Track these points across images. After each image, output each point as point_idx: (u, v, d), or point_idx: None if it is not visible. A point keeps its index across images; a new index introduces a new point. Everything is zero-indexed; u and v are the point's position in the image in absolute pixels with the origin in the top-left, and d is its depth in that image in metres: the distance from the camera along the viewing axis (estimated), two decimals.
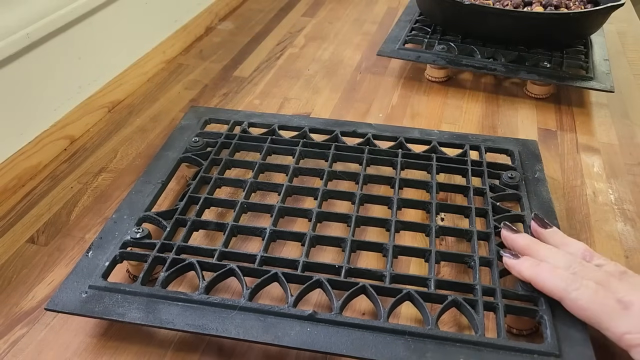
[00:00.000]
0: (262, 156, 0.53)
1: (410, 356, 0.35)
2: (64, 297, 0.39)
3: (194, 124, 0.57)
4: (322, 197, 0.48)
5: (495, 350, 0.36)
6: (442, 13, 0.75)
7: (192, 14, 0.83)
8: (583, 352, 0.36)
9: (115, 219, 0.45)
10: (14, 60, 0.53)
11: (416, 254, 0.44)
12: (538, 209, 0.46)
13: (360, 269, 0.41)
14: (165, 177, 0.49)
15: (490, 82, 0.73)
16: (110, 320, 0.39)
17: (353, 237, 0.44)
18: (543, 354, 0.36)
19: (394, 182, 0.50)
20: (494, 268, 0.41)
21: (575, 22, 0.69)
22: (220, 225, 0.45)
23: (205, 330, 0.37)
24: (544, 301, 0.38)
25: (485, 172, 0.50)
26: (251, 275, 0.41)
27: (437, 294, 0.39)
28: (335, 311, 0.38)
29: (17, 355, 0.39)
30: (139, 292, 0.39)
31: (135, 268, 0.44)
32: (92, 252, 0.42)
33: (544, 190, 0.49)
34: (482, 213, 0.47)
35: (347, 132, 0.56)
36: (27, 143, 0.56)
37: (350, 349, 0.36)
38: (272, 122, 0.57)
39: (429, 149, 0.54)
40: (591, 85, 0.66)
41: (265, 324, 0.37)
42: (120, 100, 0.69)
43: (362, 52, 0.81)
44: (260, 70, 0.76)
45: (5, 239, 0.49)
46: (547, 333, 0.37)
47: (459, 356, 0.35)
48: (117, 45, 0.68)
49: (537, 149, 0.54)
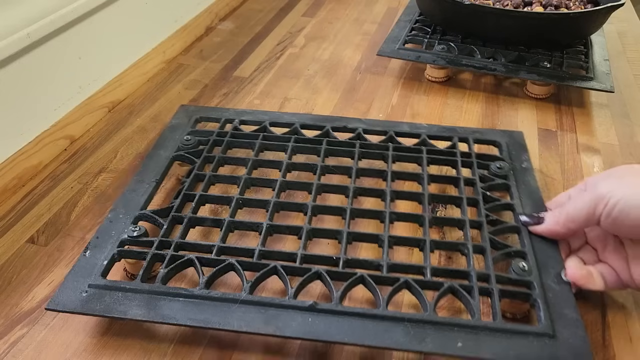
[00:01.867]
0: (254, 153, 0.53)
1: (410, 341, 0.36)
2: (64, 297, 0.39)
3: (184, 122, 0.57)
4: (316, 191, 0.49)
5: (491, 333, 0.37)
6: (442, 13, 0.75)
7: (192, 14, 0.83)
8: (576, 332, 0.37)
9: (111, 218, 0.45)
10: (14, 60, 0.53)
11: (411, 243, 0.45)
12: (527, 197, 0.48)
13: (357, 260, 0.42)
14: (159, 176, 0.50)
15: (490, 82, 0.73)
16: (112, 318, 0.39)
17: (349, 229, 0.44)
18: (538, 335, 0.37)
19: (386, 175, 0.51)
20: (487, 255, 0.43)
21: (575, 22, 0.69)
22: (217, 222, 0.46)
23: (208, 324, 0.37)
24: (536, 284, 0.40)
25: (474, 163, 0.52)
26: (250, 269, 0.41)
27: (433, 281, 0.41)
28: (335, 301, 0.39)
29: (17, 355, 0.39)
30: (140, 289, 0.39)
31: (132, 266, 0.44)
32: (89, 252, 0.42)
33: (532, 179, 0.50)
34: (473, 202, 0.48)
35: (338, 128, 0.57)
36: (28, 143, 0.56)
37: (352, 337, 0.36)
38: (263, 119, 0.58)
39: (419, 142, 0.55)
40: (591, 85, 0.66)
41: (267, 316, 0.38)
42: (120, 100, 0.69)
43: (362, 52, 0.81)
44: (260, 70, 0.76)
45: (5, 239, 0.49)
46: (541, 315, 0.38)
47: (457, 340, 0.36)
48: (117, 45, 0.68)
49: (523, 140, 0.55)
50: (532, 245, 0.43)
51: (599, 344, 0.40)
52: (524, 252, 0.43)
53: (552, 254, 0.43)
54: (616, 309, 0.43)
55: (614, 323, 0.42)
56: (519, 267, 0.41)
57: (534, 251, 0.43)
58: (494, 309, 0.39)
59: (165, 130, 0.56)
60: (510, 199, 0.48)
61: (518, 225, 0.45)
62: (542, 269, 0.41)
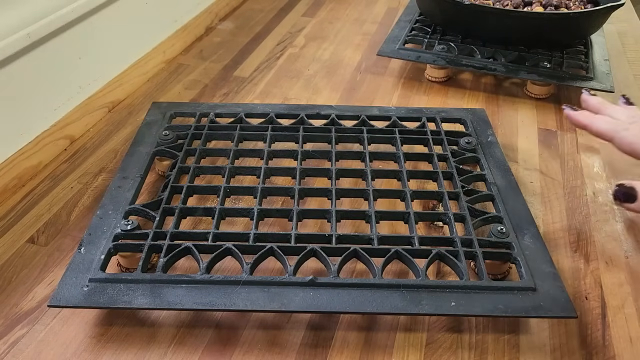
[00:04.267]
0: (234, 143, 0.55)
1: (407, 305, 0.39)
2: (65, 293, 0.39)
3: (159, 119, 0.58)
4: (300, 175, 0.51)
5: (481, 291, 0.40)
6: (442, 13, 0.75)
7: (192, 14, 0.83)
8: (555, 284, 0.41)
9: (100, 215, 0.46)
10: (14, 60, 0.53)
11: (396, 217, 0.47)
12: (495, 167, 0.52)
13: (349, 235, 0.44)
14: (142, 171, 0.51)
15: (490, 82, 0.73)
16: (117, 309, 0.40)
17: (336, 208, 0.47)
18: (522, 290, 0.40)
19: (364, 156, 0.53)
20: (467, 222, 0.46)
21: (575, 22, 0.69)
22: (208, 210, 0.47)
23: (214, 307, 0.39)
24: (515, 245, 0.43)
25: (444, 140, 0.55)
26: (247, 252, 0.43)
27: (421, 249, 0.43)
28: (333, 275, 0.41)
29: (17, 355, 0.39)
30: (141, 279, 0.40)
31: (127, 260, 0.45)
32: (84, 248, 0.43)
33: (498, 151, 0.54)
34: (448, 176, 0.51)
35: (312, 115, 0.59)
36: (28, 143, 0.56)
37: (353, 306, 0.39)
38: (238, 111, 0.59)
39: (390, 124, 0.58)
40: (591, 85, 0.66)
41: (270, 294, 0.39)
42: (120, 100, 0.69)
43: (362, 52, 0.81)
44: (260, 70, 0.76)
45: (5, 239, 0.49)
46: (522, 271, 0.41)
47: (450, 300, 0.39)
48: (117, 45, 0.68)
49: (486, 116, 0.60)
50: (506, 210, 0.47)
51: (599, 344, 0.40)
52: (500, 217, 0.46)
53: (524, 216, 0.47)
54: (616, 309, 0.43)
55: (614, 323, 0.42)
56: (497, 230, 0.45)
57: (508, 215, 0.46)
58: (480, 270, 0.42)
59: (142, 127, 0.57)
60: (481, 170, 0.52)
61: (492, 193, 0.49)
62: (517, 231, 0.45)
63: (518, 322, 0.42)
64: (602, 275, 0.46)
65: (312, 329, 0.41)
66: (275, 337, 0.40)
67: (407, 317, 0.42)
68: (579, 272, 0.46)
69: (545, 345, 0.40)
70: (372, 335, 0.41)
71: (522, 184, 0.54)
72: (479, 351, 0.40)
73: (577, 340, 0.41)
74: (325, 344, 0.40)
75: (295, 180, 0.50)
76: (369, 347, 0.40)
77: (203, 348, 0.40)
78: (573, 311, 0.39)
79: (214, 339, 0.40)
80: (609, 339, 0.41)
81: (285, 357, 0.39)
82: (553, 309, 0.39)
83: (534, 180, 0.56)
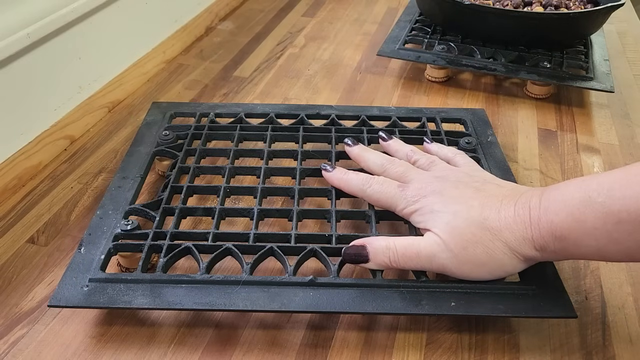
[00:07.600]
0: (234, 143, 0.55)
1: (407, 305, 0.39)
2: (65, 293, 0.39)
3: (159, 119, 0.58)
4: (300, 175, 0.51)
5: (480, 291, 0.40)
6: (442, 13, 0.75)
7: (192, 14, 0.83)
8: (555, 284, 0.41)
9: (100, 215, 0.46)
10: (14, 60, 0.53)
11: (396, 217, 0.47)
12: (495, 167, 0.52)
13: (349, 236, 0.44)
14: (142, 172, 0.51)
15: (490, 82, 0.73)
16: (117, 308, 0.40)
17: (336, 208, 0.47)
18: (521, 290, 0.40)
19: None
20: None
21: (575, 22, 0.69)
22: (208, 210, 0.47)
23: (214, 307, 0.38)
24: None
25: (444, 140, 0.55)
26: (247, 252, 0.43)
27: None
28: (332, 275, 0.41)
29: (17, 355, 0.39)
30: (141, 279, 0.40)
31: (127, 260, 0.45)
32: (84, 248, 0.43)
33: (498, 151, 0.54)
34: None
35: (312, 115, 0.59)
36: (28, 143, 0.56)
37: (353, 306, 0.39)
38: (238, 111, 0.59)
39: (390, 124, 0.58)
40: (591, 85, 0.66)
41: (270, 294, 0.39)
42: (120, 100, 0.69)
43: (362, 52, 0.81)
44: (260, 70, 0.76)
45: (5, 239, 0.49)
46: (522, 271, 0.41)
47: (450, 300, 0.39)
48: (117, 45, 0.68)
49: (486, 116, 0.60)
50: None
51: (599, 344, 0.40)
52: None
53: None
54: (616, 309, 0.43)
55: (614, 323, 0.42)
56: None
57: None
58: None
59: (142, 127, 0.57)
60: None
61: None
62: None
63: (518, 322, 0.42)
64: (602, 276, 0.46)
65: (312, 329, 0.41)
66: (275, 337, 0.40)
67: (407, 317, 0.42)
68: (579, 272, 0.46)
69: (545, 345, 0.40)
70: (372, 335, 0.41)
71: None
72: (479, 351, 0.40)
73: (577, 340, 0.41)
74: (325, 344, 0.40)
75: (295, 180, 0.50)
76: (369, 347, 0.40)
77: (203, 348, 0.40)
78: (573, 311, 0.39)
79: (214, 339, 0.40)
80: (609, 339, 0.41)
81: (285, 357, 0.39)
82: (553, 309, 0.39)
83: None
